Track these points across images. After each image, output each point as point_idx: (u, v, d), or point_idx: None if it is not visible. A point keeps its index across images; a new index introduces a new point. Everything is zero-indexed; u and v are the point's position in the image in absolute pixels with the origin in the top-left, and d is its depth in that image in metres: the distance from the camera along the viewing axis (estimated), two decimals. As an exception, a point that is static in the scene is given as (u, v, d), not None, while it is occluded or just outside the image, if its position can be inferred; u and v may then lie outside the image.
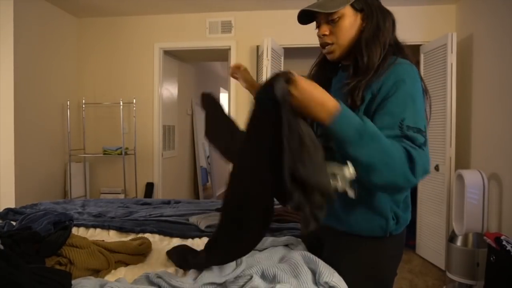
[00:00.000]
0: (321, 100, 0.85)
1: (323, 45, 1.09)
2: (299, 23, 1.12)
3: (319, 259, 0.99)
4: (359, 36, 1.04)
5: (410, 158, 0.85)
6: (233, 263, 1.01)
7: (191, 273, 1.00)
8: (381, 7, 1.05)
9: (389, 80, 0.96)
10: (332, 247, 1.12)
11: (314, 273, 0.95)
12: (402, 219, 1.05)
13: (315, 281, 0.93)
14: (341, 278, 0.94)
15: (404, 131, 0.89)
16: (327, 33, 1.07)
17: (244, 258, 1.03)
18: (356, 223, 1.03)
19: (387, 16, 1.05)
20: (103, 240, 1.27)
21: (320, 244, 1.18)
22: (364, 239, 1.04)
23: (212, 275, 0.96)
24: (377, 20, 1.03)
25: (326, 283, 0.90)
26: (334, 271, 0.96)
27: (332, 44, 1.07)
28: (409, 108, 0.92)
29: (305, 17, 1.09)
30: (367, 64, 1.00)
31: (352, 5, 1.03)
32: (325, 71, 1.16)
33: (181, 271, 1.09)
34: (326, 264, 0.96)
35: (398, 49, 1.05)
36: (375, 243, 1.05)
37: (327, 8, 1.03)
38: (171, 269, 1.11)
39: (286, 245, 1.20)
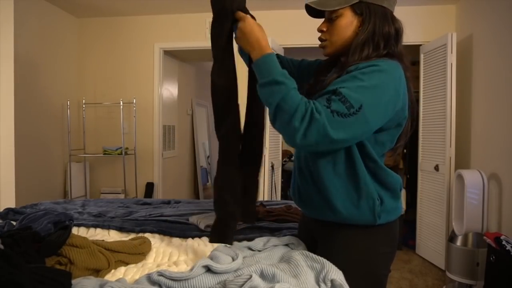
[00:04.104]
0: (260, 40, 1.04)
1: (319, 40, 1.14)
2: (309, 16, 1.17)
3: (323, 258, 0.99)
4: (354, 38, 1.06)
5: (304, 115, 0.91)
6: (229, 258, 1.02)
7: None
8: (385, 15, 1.06)
9: (359, 65, 0.99)
10: (325, 243, 1.13)
11: (316, 272, 0.95)
12: (388, 205, 1.06)
13: (316, 281, 0.93)
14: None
15: (331, 95, 0.93)
16: (324, 29, 1.12)
17: (241, 254, 1.03)
18: (344, 208, 1.04)
19: (390, 24, 1.05)
20: (103, 240, 1.27)
21: (314, 241, 1.19)
22: (356, 230, 1.06)
23: (209, 261, 0.97)
24: (374, 26, 1.04)
25: (332, 280, 0.90)
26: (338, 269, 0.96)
27: (325, 40, 1.12)
28: (356, 83, 0.94)
29: (314, 11, 1.12)
30: (349, 64, 1.03)
31: (352, 8, 1.06)
32: (327, 65, 1.20)
33: (184, 268, 1.09)
34: (330, 262, 0.97)
35: (398, 58, 1.05)
36: (367, 235, 1.06)
37: (326, 6, 1.07)
38: (172, 268, 1.11)
39: (286, 245, 1.20)
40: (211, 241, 1.22)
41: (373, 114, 0.94)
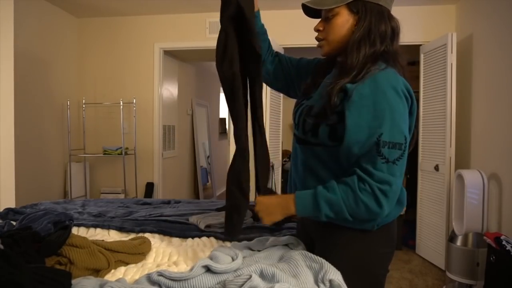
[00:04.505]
0: (281, 204, 1.09)
1: (316, 39, 1.15)
2: (306, 16, 1.17)
3: (321, 258, 0.99)
4: (350, 37, 1.06)
5: (377, 200, 0.96)
6: (229, 258, 1.02)
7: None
8: (382, 13, 1.05)
9: (366, 86, 0.98)
10: (322, 244, 1.13)
11: (315, 271, 0.95)
12: (391, 214, 1.07)
13: (315, 281, 0.93)
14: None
15: (380, 148, 0.94)
16: (321, 28, 1.12)
17: (240, 254, 1.03)
18: None
19: (386, 22, 1.05)
20: (103, 240, 1.27)
21: (312, 241, 1.19)
22: (353, 232, 1.06)
23: (209, 261, 0.97)
24: (369, 24, 1.03)
25: (331, 280, 0.90)
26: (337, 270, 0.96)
27: (322, 40, 1.12)
28: (386, 121, 0.94)
29: (311, 11, 1.12)
30: (350, 65, 1.02)
31: (348, 6, 1.05)
32: (325, 65, 1.20)
33: (183, 268, 1.09)
34: (328, 263, 0.97)
35: (393, 58, 1.05)
36: (365, 236, 1.06)
37: (322, 4, 1.07)
38: (172, 268, 1.11)
39: (286, 245, 1.20)
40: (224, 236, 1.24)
41: (407, 131, 0.99)
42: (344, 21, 1.06)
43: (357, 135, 0.96)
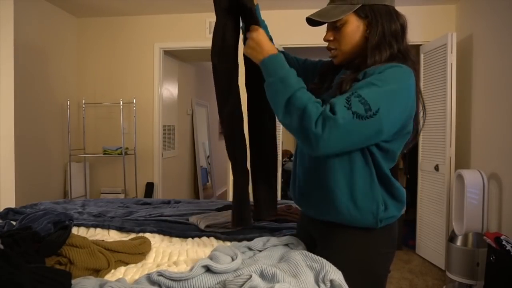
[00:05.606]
0: (265, 45, 1.05)
1: (328, 49, 1.14)
2: (309, 26, 1.16)
3: (322, 258, 0.99)
4: (363, 42, 1.06)
5: (317, 118, 0.91)
6: (229, 258, 1.02)
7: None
8: (389, 13, 1.05)
9: (381, 67, 0.98)
10: (323, 243, 1.13)
11: (316, 272, 0.95)
12: (391, 210, 1.06)
13: (316, 281, 0.93)
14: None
15: (351, 96, 0.92)
16: (331, 38, 1.11)
17: (240, 254, 1.03)
18: (347, 210, 1.04)
19: (395, 22, 1.04)
20: (103, 240, 1.27)
21: (313, 241, 1.19)
22: (355, 231, 1.06)
23: (209, 261, 0.97)
24: (382, 27, 1.03)
25: (331, 280, 0.90)
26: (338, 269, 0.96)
27: (335, 49, 1.11)
28: (376, 87, 0.93)
29: (315, 21, 1.11)
30: (370, 66, 1.02)
31: (356, 12, 1.05)
32: (331, 67, 1.20)
33: (183, 268, 1.09)
34: (329, 262, 0.97)
35: (405, 56, 1.05)
36: (367, 236, 1.06)
37: (328, 17, 1.06)
38: (172, 268, 1.11)
39: (286, 245, 1.20)
40: (231, 226, 1.28)
41: (387, 119, 0.94)
42: (354, 28, 1.06)
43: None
